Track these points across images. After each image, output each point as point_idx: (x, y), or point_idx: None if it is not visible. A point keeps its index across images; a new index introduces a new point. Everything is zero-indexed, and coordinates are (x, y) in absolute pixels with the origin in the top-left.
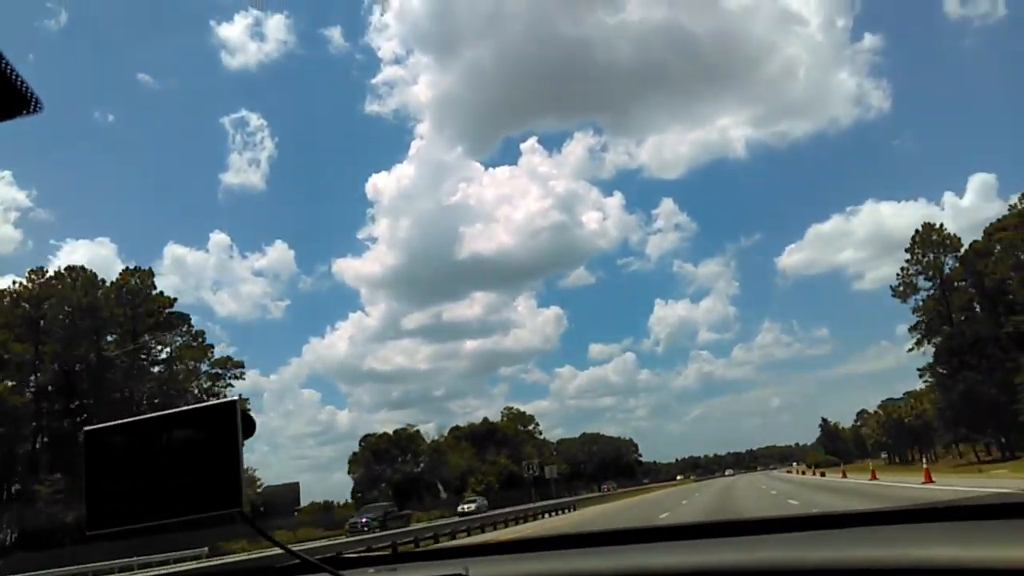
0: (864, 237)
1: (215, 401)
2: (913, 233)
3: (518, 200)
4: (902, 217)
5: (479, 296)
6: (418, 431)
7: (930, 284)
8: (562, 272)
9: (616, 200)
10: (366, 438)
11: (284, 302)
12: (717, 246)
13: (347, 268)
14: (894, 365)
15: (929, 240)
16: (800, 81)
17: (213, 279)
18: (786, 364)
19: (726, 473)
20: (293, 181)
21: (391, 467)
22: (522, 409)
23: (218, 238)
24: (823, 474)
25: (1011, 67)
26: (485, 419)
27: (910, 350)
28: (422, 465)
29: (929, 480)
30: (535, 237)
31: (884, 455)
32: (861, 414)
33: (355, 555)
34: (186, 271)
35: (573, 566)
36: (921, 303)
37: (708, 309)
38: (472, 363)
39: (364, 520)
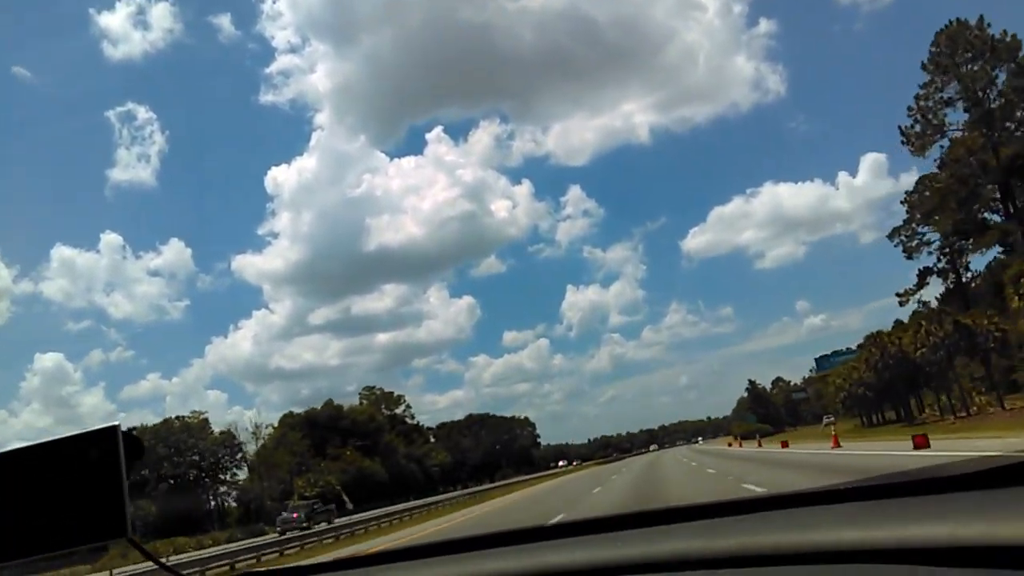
0: (764, 218)
1: (95, 427)
2: (936, 37)
3: (425, 190)
4: (799, 197)
5: (389, 288)
6: (206, 419)
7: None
8: (473, 261)
9: (525, 188)
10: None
11: (183, 302)
12: (624, 231)
13: (248, 265)
14: (794, 341)
15: (964, 42)
16: (700, 66)
17: (105, 281)
18: (693, 343)
19: (650, 449)
20: (187, 176)
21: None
22: (389, 390)
23: (109, 238)
24: (760, 444)
25: (898, 49)
26: (329, 401)
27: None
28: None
29: None
30: (444, 227)
31: (830, 418)
32: (777, 382)
33: (266, 569)
34: (76, 273)
35: (470, 570)
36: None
37: (618, 293)
38: (385, 356)
39: (295, 515)
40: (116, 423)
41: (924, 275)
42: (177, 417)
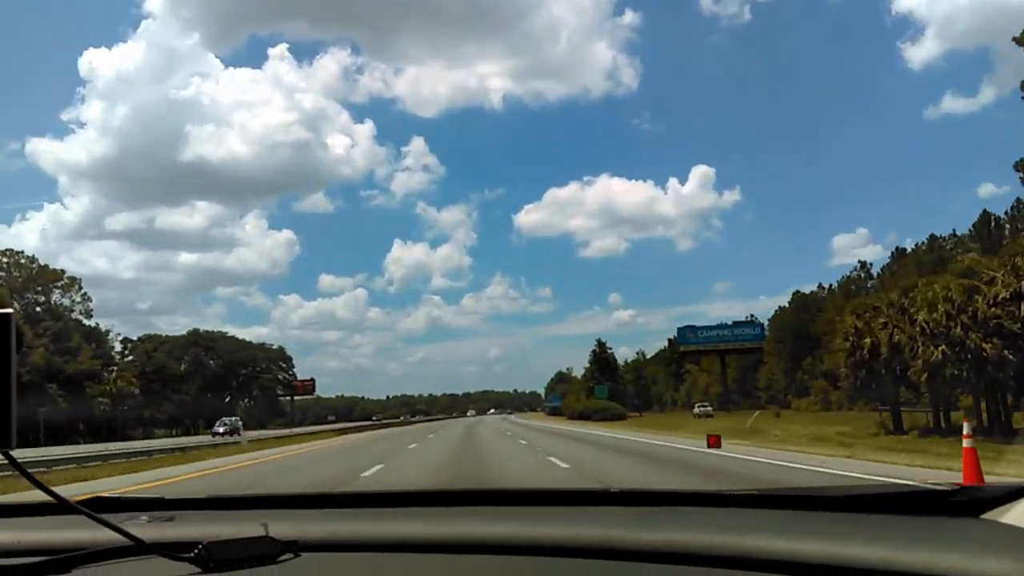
0: (595, 208)
1: None
2: None
3: (259, 108)
4: (630, 195)
5: (202, 206)
6: None
7: None
8: (299, 194)
9: (367, 128)
10: None
11: None
12: (462, 194)
13: (45, 150)
14: (602, 330)
15: None
16: (562, 43)
17: None
18: (510, 318)
19: (467, 414)
20: None
21: None
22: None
23: None
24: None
25: (746, 70)
26: None
27: None
28: None
29: None
30: (273, 151)
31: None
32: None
33: (122, 497)
34: None
35: (388, 529)
36: None
37: (445, 256)
38: (186, 278)
39: (221, 430)
40: (9, 310)
41: None
42: None
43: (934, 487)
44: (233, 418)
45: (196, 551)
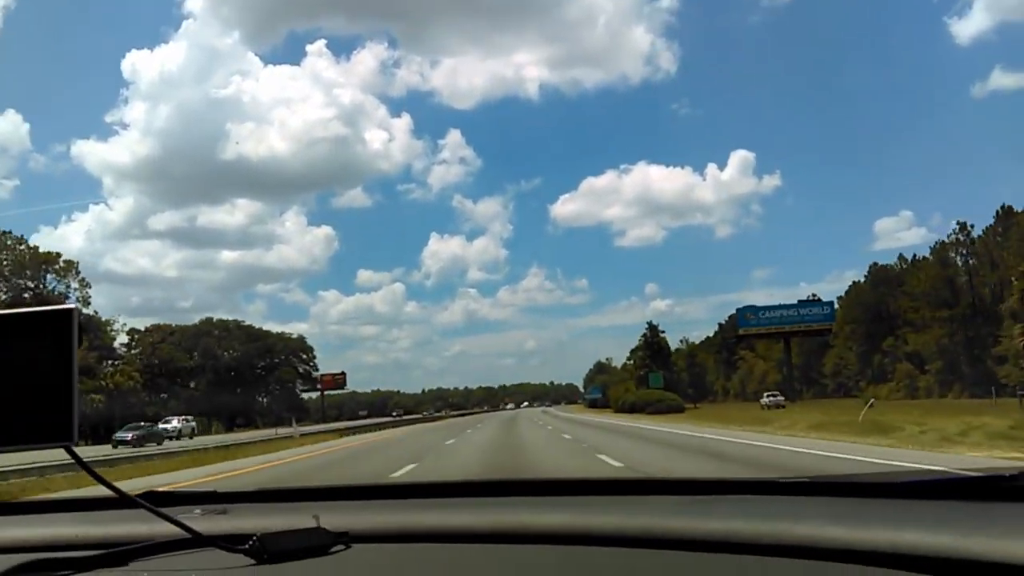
0: (632, 197)
1: (48, 307)
2: None
3: (298, 104)
4: (668, 182)
5: (242, 203)
6: None
7: None
8: (337, 190)
9: (404, 122)
10: None
11: (12, 181)
12: (498, 186)
13: (90, 152)
14: (639, 321)
15: None
16: (599, 29)
17: None
18: (546, 310)
19: (506, 407)
20: (33, 42)
21: None
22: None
23: None
24: None
25: (787, 53)
26: None
27: None
28: None
29: None
30: (312, 147)
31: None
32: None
33: (177, 491)
34: None
35: (438, 520)
36: None
37: (481, 249)
38: (228, 276)
39: (130, 436)
40: (74, 305)
41: None
42: None
43: (1000, 472)
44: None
45: (251, 543)
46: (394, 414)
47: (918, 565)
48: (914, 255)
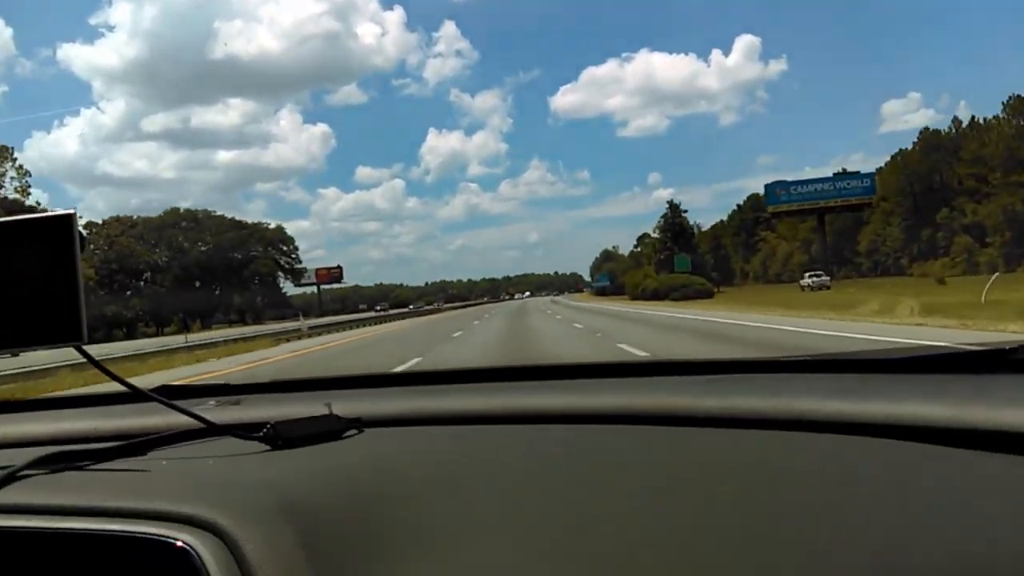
0: (634, 86)
1: (47, 214)
2: None
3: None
4: (672, 70)
5: (236, 103)
6: None
7: None
8: (331, 87)
9: (396, 15)
10: None
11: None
12: (496, 79)
13: (77, 56)
14: (642, 211)
15: None
16: None
17: None
18: (548, 202)
19: (522, 296)
20: None
21: None
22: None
23: None
24: None
25: None
26: None
27: None
28: None
29: None
30: (303, 44)
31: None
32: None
33: (190, 385)
34: None
35: (447, 404)
36: None
37: (481, 144)
38: (225, 176)
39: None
40: (72, 210)
41: None
42: None
43: (997, 346)
44: None
45: (265, 430)
46: (377, 308)
47: (917, 435)
48: (972, 117)
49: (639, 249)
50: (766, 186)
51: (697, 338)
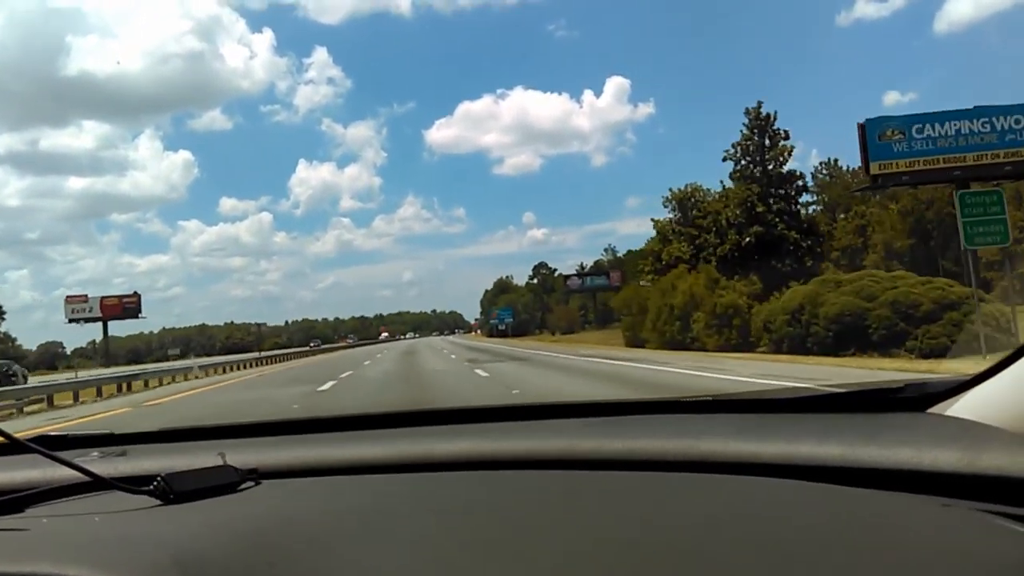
0: (510, 123)
1: None
2: None
3: (147, 14)
4: (545, 108)
5: (90, 126)
6: None
7: None
8: (194, 111)
9: (266, 38)
10: None
11: None
12: (369, 109)
13: None
14: (516, 249)
15: None
16: None
17: None
18: (423, 239)
19: (405, 336)
20: None
21: None
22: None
23: None
24: None
25: None
26: None
27: None
28: None
29: None
30: (164, 64)
31: None
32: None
33: (71, 434)
34: None
35: (346, 452)
36: None
37: (354, 176)
38: (77, 204)
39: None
40: None
41: None
42: None
43: (885, 385)
44: None
45: (155, 483)
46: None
47: (812, 474)
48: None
49: (535, 281)
50: (868, 122)
51: None
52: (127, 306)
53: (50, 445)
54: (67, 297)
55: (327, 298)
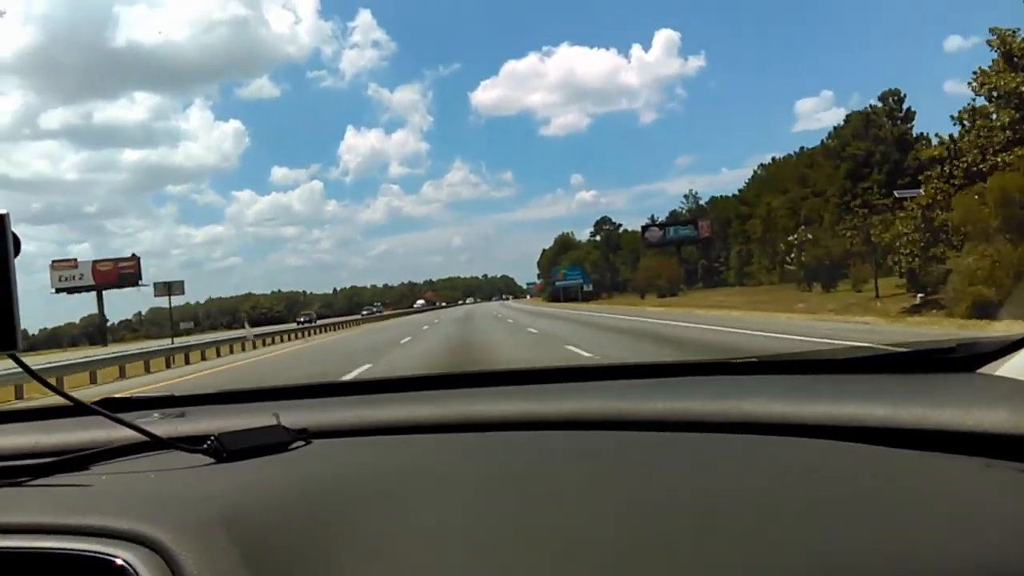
0: (555, 81)
1: None
2: None
3: None
4: (592, 65)
5: (141, 97)
6: None
7: None
8: (242, 80)
9: (310, 1)
10: None
11: None
12: (415, 72)
13: None
14: (564, 213)
15: None
16: None
17: None
18: (471, 204)
19: (461, 303)
20: None
21: None
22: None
23: None
24: None
25: None
26: None
27: None
28: None
29: None
30: (210, 32)
31: None
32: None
33: (134, 397)
34: None
35: (394, 413)
36: None
37: (401, 142)
38: (133, 177)
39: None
40: (4, 211)
41: None
42: None
43: (936, 345)
44: None
45: (209, 442)
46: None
47: (856, 435)
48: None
49: (597, 238)
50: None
51: None
52: (124, 272)
53: (114, 408)
54: (53, 263)
55: (379, 265)
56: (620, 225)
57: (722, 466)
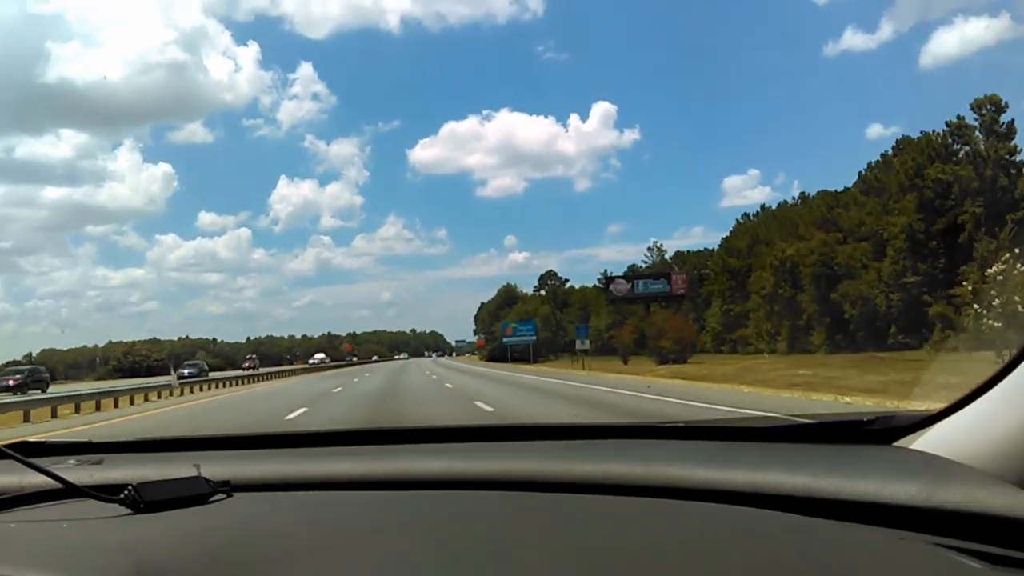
0: (494, 144)
1: None
2: None
3: (131, 23)
4: (531, 131)
5: (68, 135)
6: None
7: None
8: (175, 123)
9: (251, 51)
10: None
11: None
12: (353, 127)
13: None
14: (497, 273)
15: None
16: None
17: None
18: (403, 260)
19: (397, 357)
20: None
21: None
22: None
23: None
24: None
25: (653, 10)
26: None
27: None
28: None
29: None
30: (147, 73)
31: None
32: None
33: (49, 441)
34: None
35: (320, 468)
36: None
37: (335, 194)
38: (53, 215)
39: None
40: None
41: None
42: None
43: (854, 417)
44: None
45: (126, 492)
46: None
47: (777, 503)
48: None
49: (542, 292)
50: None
51: None
52: None
53: (28, 452)
54: None
55: (304, 316)
56: (567, 280)
57: (645, 530)
